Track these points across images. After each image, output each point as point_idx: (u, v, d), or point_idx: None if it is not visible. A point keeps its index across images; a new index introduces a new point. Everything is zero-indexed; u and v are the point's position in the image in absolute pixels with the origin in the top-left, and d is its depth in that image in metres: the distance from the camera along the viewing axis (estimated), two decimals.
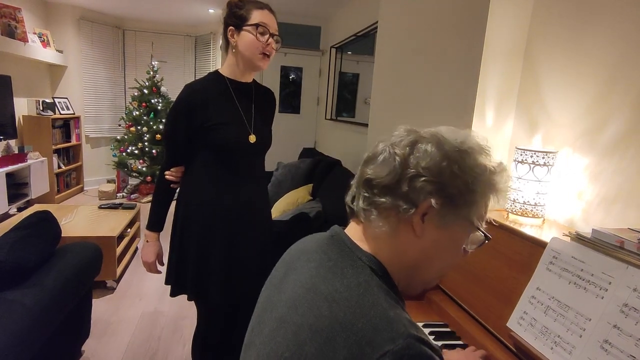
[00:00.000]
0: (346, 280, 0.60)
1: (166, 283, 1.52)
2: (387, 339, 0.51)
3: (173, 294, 1.51)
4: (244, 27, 1.35)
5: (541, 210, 1.28)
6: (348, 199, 0.71)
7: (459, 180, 0.62)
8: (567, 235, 0.99)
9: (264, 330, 0.66)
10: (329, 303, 0.58)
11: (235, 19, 1.36)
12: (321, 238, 0.72)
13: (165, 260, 1.54)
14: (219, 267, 1.44)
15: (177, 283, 1.50)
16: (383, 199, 0.63)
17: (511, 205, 1.31)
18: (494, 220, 1.26)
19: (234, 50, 1.40)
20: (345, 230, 0.71)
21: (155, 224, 1.51)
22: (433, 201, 0.61)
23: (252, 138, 1.44)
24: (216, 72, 1.46)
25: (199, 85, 1.42)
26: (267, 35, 1.36)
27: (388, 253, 0.65)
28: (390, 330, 0.52)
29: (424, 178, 0.61)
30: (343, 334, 0.53)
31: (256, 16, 1.35)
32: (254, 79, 1.52)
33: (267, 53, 1.38)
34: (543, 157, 1.24)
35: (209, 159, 1.43)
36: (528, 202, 1.27)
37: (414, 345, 0.51)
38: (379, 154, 0.66)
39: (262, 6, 1.37)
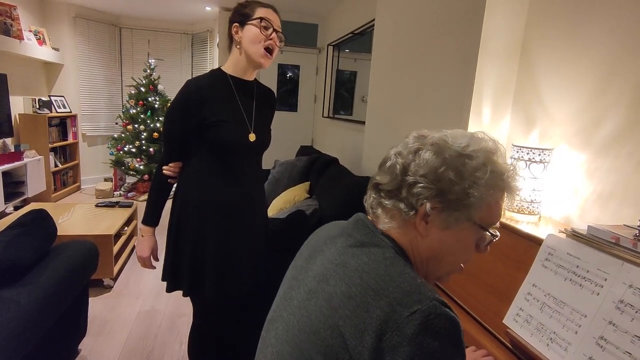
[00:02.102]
0: (373, 256, 0.66)
1: (163, 279, 1.52)
2: (416, 300, 0.58)
3: (169, 289, 1.51)
4: (248, 22, 1.38)
5: (537, 207, 1.28)
6: (364, 198, 0.78)
7: (457, 186, 0.66)
8: (562, 232, 0.99)
9: (292, 304, 0.72)
10: (359, 273, 0.64)
11: (239, 16, 1.40)
12: (345, 223, 0.79)
13: (161, 256, 1.54)
14: (214, 263, 1.44)
15: (173, 279, 1.49)
16: (387, 202, 0.71)
17: (507, 202, 1.31)
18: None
19: (238, 46, 1.41)
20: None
21: (151, 219, 1.51)
22: (428, 206, 0.66)
23: (252, 137, 1.44)
24: (219, 69, 1.46)
25: (201, 81, 1.42)
26: (271, 29, 1.39)
27: (405, 244, 0.71)
28: (418, 293, 0.59)
29: (421, 185, 0.66)
30: (376, 296, 0.59)
31: (260, 12, 1.39)
32: (255, 78, 1.52)
33: (270, 47, 1.39)
34: (539, 154, 1.24)
35: (207, 155, 1.43)
36: (524, 199, 1.27)
37: (439, 307, 0.57)
38: (387, 160, 0.73)
39: (266, 5, 1.41)
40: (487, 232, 0.71)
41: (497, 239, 0.72)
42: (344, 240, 0.72)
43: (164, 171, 1.47)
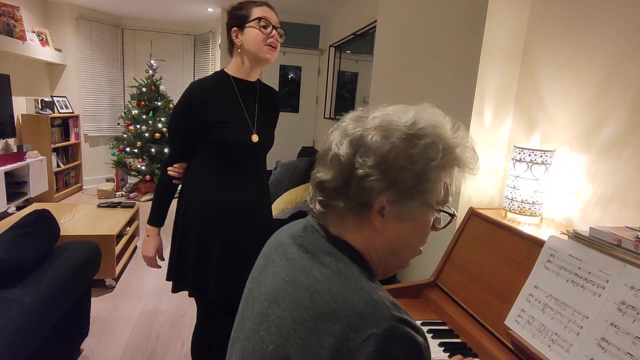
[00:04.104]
0: (326, 270, 0.59)
1: (167, 279, 1.53)
2: (371, 323, 0.52)
3: (174, 290, 1.52)
4: (247, 25, 1.38)
5: (539, 209, 1.28)
6: (308, 199, 0.69)
7: (410, 172, 0.59)
8: (564, 234, 1.00)
9: (246, 325, 0.66)
10: (310, 294, 0.57)
11: (237, 20, 1.40)
12: (295, 228, 0.71)
13: (166, 255, 1.55)
14: (219, 263, 1.45)
15: (178, 279, 1.50)
16: (336, 202, 0.62)
17: (509, 204, 1.32)
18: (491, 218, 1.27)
19: (239, 50, 1.42)
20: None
21: (156, 219, 1.52)
22: (385, 199, 0.60)
23: (255, 137, 1.45)
24: (222, 71, 1.47)
25: (204, 83, 1.43)
26: (270, 27, 1.39)
27: (359, 244, 0.64)
28: (373, 313, 0.53)
29: (372, 177, 0.59)
30: (327, 322, 0.53)
31: (256, 12, 1.39)
32: (258, 79, 1.53)
33: (272, 44, 1.40)
34: (541, 156, 1.25)
35: (211, 156, 1.44)
36: (526, 200, 1.28)
37: (396, 327, 0.52)
38: (328, 152, 0.63)
39: (259, 3, 1.41)
40: (446, 213, 0.65)
41: (456, 217, 0.67)
42: (294, 251, 0.65)
43: (168, 172, 1.48)
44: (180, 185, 1.53)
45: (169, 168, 1.48)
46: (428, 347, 0.55)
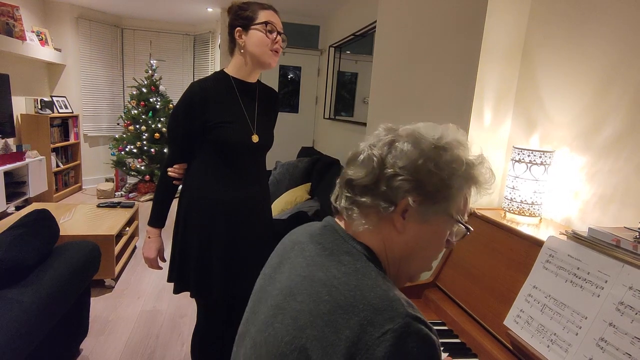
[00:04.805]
0: (344, 267, 0.62)
1: (169, 280, 1.53)
2: (388, 319, 0.54)
3: (176, 291, 1.52)
4: (252, 27, 1.38)
5: (538, 209, 1.28)
6: (332, 197, 0.72)
7: (436, 177, 0.63)
8: (563, 234, 1.00)
9: (259, 319, 0.68)
10: (328, 288, 0.60)
11: (242, 20, 1.39)
12: (313, 229, 0.74)
13: (167, 256, 1.55)
14: (221, 263, 1.45)
15: (180, 280, 1.50)
16: (363, 199, 0.65)
17: (508, 204, 1.32)
18: (490, 218, 1.27)
19: (242, 50, 1.42)
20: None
21: (157, 220, 1.52)
22: (411, 199, 0.63)
23: (255, 138, 1.45)
24: (222, 72, 1.47)
25: (205, 84, 1.43)
26: (275, 33, 1.39)
27: (377, 247, 0.67)
28: (390, 310, 0.55)
29: (401, 177, 0.63)
30: (345, 315, 0.56)
31: (263, 15, 1.38)
32: (258, 79, 1.53)
33: (277, 50, 1.41)
34: (540, 157, 1.25)
35: (211, 156, 1.44)
36: (525, 201, 1.28)
37: (412, 324, 0.54)
38: (359, 154, 0.68)
39: (266, 7, 1.41)
40: (463, 225, 0.69)
41: (471, 232, 0.71)
42: (312, 248, 0.68)
43: (169, 173, 1.48)
44: (180, 186, 1.53)
45: (169, 169, 1.48)
46: (440, 346, 0.58)
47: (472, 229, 0.71)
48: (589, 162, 1.21)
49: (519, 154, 1.29)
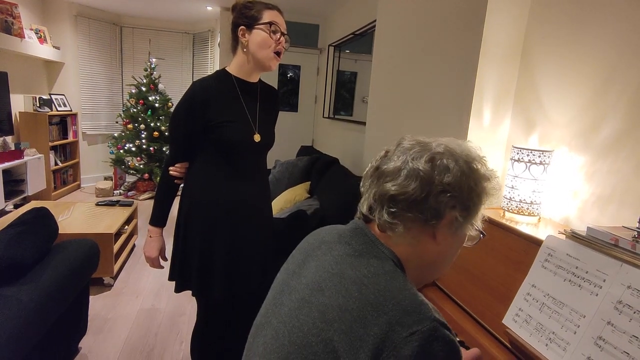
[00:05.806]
0: (372, 269, 0.65)
1: (170, 279, 1.52)
2: (416, 321, 0.57)
3: (177, 290, 1.52)
4: (256, 26, 1.37)
5: (537, 209, 1.29)
6: (364, 208, 0.73)
7: (474, 193, 0.68)
8: (562, 233, 1.00)
9: (282, 311, 0.70)
10: (358, 286, 0.62)
11: (246, 19, 1.39)
12: (343, 230, 0.76)
13: (168, 255, 1.55)
14: (223, 262, 1.45)
15: (182, 279, 1.50)
16: (410, 214, 0.67)
17: (507, 204, 1.32)
18: (489, 218, 1.27)
19: (244, 49, 1.41)
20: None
21: (159, 219, 1.52)
22: (457, 214, 0.68)
23: (257, 137, 1.45)
24: (224, 71, 1.47)
25: (206, 83, 1.42)
26: (279, 34, 1.39)
27: (405, 254, 0.70)
28: (418, 312, 0.58)
29: (449, 194, 0.66)
30: (374, 313, 0.58)
31: (267, 16, 1.38)
32: (259, 78, 1.53)
33: (279, 51, 1.40)
34: (539, 156, 1.25)
35: (213, 155, 1.44)
36: (524, 200, 1.28)
37: (439, 329, 0.57)
38: (400, 169, 0.68)
39: (271, 7, 1.40)
40: (482, 234, 0.74)
41: (484, 236, 0.76)
42: (341, 248, 0.71)
43: (170, 172, 1.48)
44: (182, 185, 1.52)
45: (171, 168, 1.48)
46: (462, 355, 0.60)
47: (486, 234, 0.76)
48: (587, 161, 1.21)
49: (518, 153, 1.29)
